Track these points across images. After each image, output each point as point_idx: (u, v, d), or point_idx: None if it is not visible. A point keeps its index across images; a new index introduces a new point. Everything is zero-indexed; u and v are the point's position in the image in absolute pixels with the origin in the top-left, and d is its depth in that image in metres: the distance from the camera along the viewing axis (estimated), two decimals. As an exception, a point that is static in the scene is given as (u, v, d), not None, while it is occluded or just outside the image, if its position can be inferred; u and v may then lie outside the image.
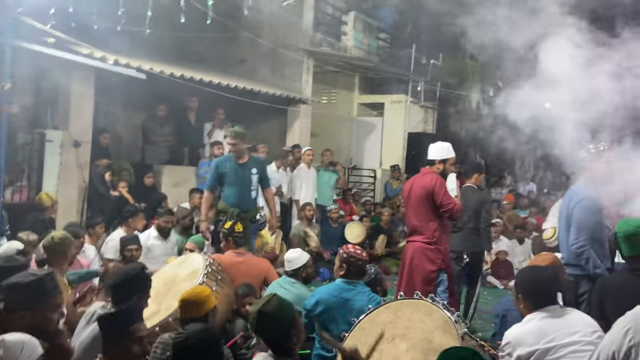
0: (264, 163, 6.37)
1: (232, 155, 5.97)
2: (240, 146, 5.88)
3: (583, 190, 3.97)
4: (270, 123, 10.47)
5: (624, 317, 2.13)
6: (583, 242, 3.83)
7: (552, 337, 2.59)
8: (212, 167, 6.03)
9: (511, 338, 2.70)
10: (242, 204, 5.87)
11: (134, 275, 3.19)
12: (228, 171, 5.87)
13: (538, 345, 2.58)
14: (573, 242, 3.90)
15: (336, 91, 12.52)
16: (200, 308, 3.22)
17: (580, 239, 3.86)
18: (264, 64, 10.48)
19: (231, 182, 5.88)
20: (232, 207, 5.79)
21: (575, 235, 3.90)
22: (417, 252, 4.73)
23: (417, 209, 4.79)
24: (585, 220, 3.86)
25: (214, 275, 4.29)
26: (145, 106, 9.12)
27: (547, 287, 2.78)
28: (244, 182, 5.91)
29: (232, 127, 8.97)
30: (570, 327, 2.61)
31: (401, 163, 11.62)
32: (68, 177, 6.71)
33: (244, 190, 5.92)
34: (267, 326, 2.63)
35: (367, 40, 11.66)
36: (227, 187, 5.91)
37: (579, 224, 3.90)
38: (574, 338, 2.57)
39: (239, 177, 5.88)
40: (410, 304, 3.24)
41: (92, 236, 5.92)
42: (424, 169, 4.94)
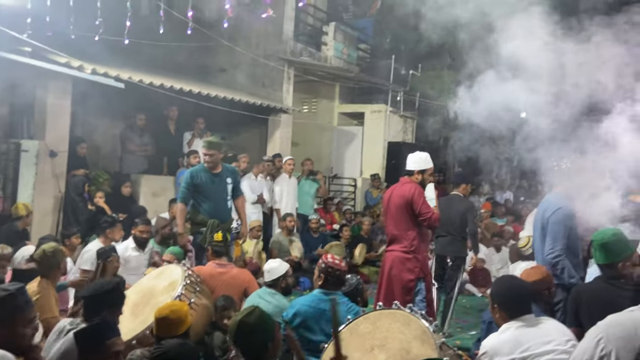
0: (236, 172, 6.27)
1: (205, 165, 5.83)
2: (217, 157, 5.79)
3: (558, 201, 4.05)
4: (251, 132, 10.47)
5: (596, 327, 2.15)
6: (559, 252, 3.90)
7: (528, 346, 2.62)
8: (185, 178, 5.83)
9: (488, 347, 2.73)
10: (220, 215, 5.79)
11: (107, 289, 3.12)
12: (204, 182, 5.75)
13: (514, 354, 2.62)
14: (549, 252, 3.97)
15: (317, 100, 12.58)
16: (178, 327, 3.16)
17: (555, 249, 3.93)
18: (245, 73, 10.49)
19: (207, 193, 5.76)
20: (210, 218, 5.73)
21: (551, 245, 3.96)
22: (395, 262, 4.76)
23: (396, 218, 4.83)
24: (561, 230, 3.93)
25: (192, 287, 4.26)
26: (124, 115, 9.04)
27: (522, 297, 2.82)
28: (220, 193, 5.84)
29: (211, 136, 8.97)
30: (545, 337, 2.65)
31: (381, 172, 11.70)
32: (44, 187, 6.61)
33: (221, 200, 5.85)
34: (246, 338, 2.62)
35: (347, 51, 11.76)
36: (202, 199, 5.78)
37: (554, 234, 3.96)
38: (549, 347, 2.61)
39: (215, 188, 5.80)
40: (388, 314, 3.26)
41: (68, 247, 5.82)
42: (402, 178, 4.99)
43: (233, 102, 8.58)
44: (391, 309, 3.30)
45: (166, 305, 3.31)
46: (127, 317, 4.00)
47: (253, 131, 10.41)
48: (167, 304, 3.38)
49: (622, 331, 2.06)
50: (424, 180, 4.90)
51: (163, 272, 4.58)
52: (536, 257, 4.29)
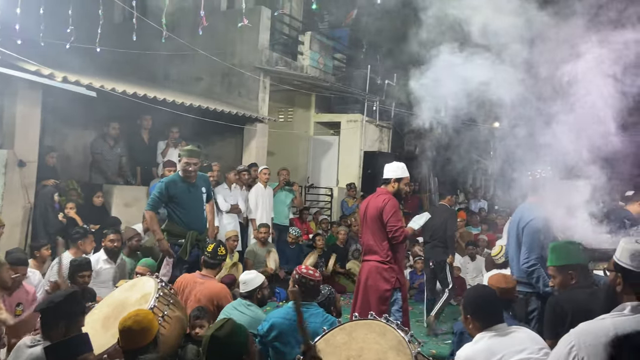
0: (208, 180, 6.22)
1: (180, 175, 5.72)
2: (199, 165, 5.75)
3: (533, 211, 4.11)
4: (227, 142, 10.40)
5: (568, 334, 2.18)
6: (534, 261, 3.96)
7: (501, 355, 2.64)
8: (160, 187, 5.66)
9: (462, 358, 2.74)
10: (197, 225, 5.72)
11: (61, 300, 2.98)
12: (180, 192, 5.64)
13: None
14: (524, 261, 4.03)
15: (293, 110, 12.59)
16: (143, 337, 3.03)
17: (531, 258, 3.99)
18: (220, 82, 10.45)
19: (184, 203, 5.66)
20: (189, 229, 5.64)
21: (527, 254, 4.03)
22: (372, 272, 4.78)
23: (372, 228, 4.86)
24: (536, 240, 4.00)
25: (165, 299, 4.18)
26: (96, 124, 8.90)
27: (494, 306, 2.83)
28: (196, 203, 5.76)
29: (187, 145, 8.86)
30: (518, 345, 2.67)
31: (357, 181, 11.73)
32: (12, 197, 6.44)
33: (198, 211, 5.77)
34: (219, 351, 2.57)
35: (323, 60, 11.81)
36: (179, 209, 5.67)
37: (529, 244, 4.03)
38: (522, 355, 2.63)
39: (192, 198, 5.71)
40: (364, 325, 3.24)
41: (37, 259, 5.67)
42: (379, 189, 5.03)
43: (208, 111, 8.51)
44: (367, 319, 3.29)
45: (129, 316, 3.16)
46: (98, 331, 3.91)
47: (229, 140, 10.35)
48: (130, 313, 3.22)
49: (593, 339, 2.09)
50: (400, 189, 4.95)
51: (135, 284, 4.48)
52: (511, 266, 4.35)
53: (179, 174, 5.77)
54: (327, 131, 12.93)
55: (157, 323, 3.22)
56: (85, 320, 3.85)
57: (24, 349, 2.88)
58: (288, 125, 12.39)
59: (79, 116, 8.30)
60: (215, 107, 8.68)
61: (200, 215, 5.80)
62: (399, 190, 4.95)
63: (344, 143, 12.34)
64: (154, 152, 8.64)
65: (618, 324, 2.09)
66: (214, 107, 8.63)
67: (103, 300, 4.63)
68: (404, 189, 5.00)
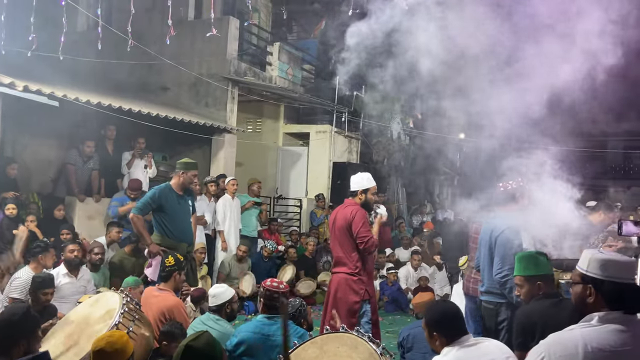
0: (192, 192, 6.20)
1: (170, 186, 5.67)
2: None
3: (505, 221, 4.16)
4: (194, 152, 10.26)
5: (539, 346, 2.20)
6: (507, 272, 3.99)
7: None
8: (152, 194, 5.58)
9: None
10: (186, 237, 5.69)
11: (17, 320, 2.84)
12: (171, 204, 5.58)
13: None
14: (497, 272, 4.06)
15: (261, 120, 12.53)
16: (119, 358, 2.96)
17: (504, 269, 4.03)
18: (188, 92, 10.33)
19: (174, 215, 5.59)
20: (179, 241, 5.57)
21: (500, 264, 4.06)
22: (341, 284, 4.76)
23: (340, 240, 4.85)
24: (508, 250, 4.03)
25: (131, 315, 4.06)
26: (58, 135, 8.65)
27: (457, 319, 2.83)
28: (185, 214, 5.73)
29: (153, 157, 8.71)
30: (486, 356, 2.67)
31: (326, 192, 11.73)
32: (-32, 211, 6.18)
33: (186, 222, 5.73)
34: None
35: (292, 71, 11.83)
36: (169, 220, 5.58)
37: (502, 254, 4.06)
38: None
39: (181, 209, 5.68)
40: (335, 338, 3.21)
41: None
42: (347, 200, 5.03)
43: (175, 121, 8.39)
44: (338, 332, 3.26)
45: (102, 337, 3.07)
46: (59, 348, 3.76)
47: (196, 151, 10.21)
48: (103, 335, 3.14)
49: (563, 350, 2.11)
50: (368, 200, 4.96)
51: (99, 299, 4.34)
52: (482, 276, 4.38)
53: (170, 184, 5.71)
54: (296, 142, 12.92)
55: (132, 345, 3.12)
56: (47, 337, 3.71)
57: None
58: (257, 136, 12.32)
59: (40, 126, 8.06)
60: (183, 117, 8.56)
61: (188, 227, 5.76)
62: (366, 200, 4.96)
63: (313, 154, 12.34)
64: (119, 164, 8.44)
65: (586, 335, 2.12)
66: (181, 117, 8.52)
67: (65, 316, 4.47)
68: (372, 198, 5.01)
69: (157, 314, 4.52)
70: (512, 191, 4.28)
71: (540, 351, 2.15)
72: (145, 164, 8.45)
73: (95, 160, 8.05)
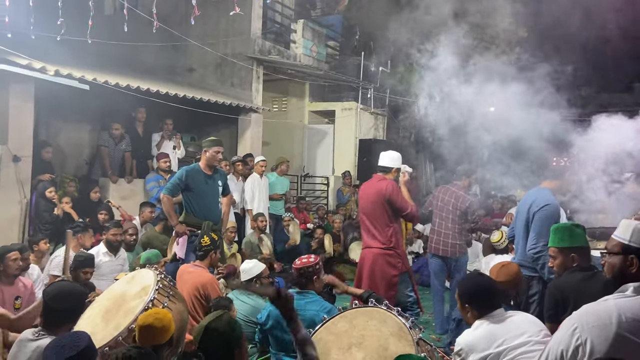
0: (224, 174, 6.27)
1: (200, 166, 5.78)
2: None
3: (546, 197, 4.07)
4: (221, 132, 10.35)
5: (571, 317, 2.18)
6: (541, 248, 3.94)
7: (502, 340, 2.64)
8: (179, 175, 5.73)
9: (463, 344, 2.74)
10: (212, 216, 5.76)
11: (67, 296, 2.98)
12: (198, 183, 5.69)
13: (490, 349, 2.63)
14: (531, 247, 4.01)
15: (287, 99, 12.53)
16: (162, 335, 3.07)
17: (538, 244, 3.97)
18: (213, 72, 10.38)
19: (201, 194, 5.71)
20: (204, 220, 5.66)
21: (535, 240, 4.01)
22: (377, 259, 4.79)
23: (374, 214, 4.86)
24: (546, 226, 3.94)
25: (165, 291, 4.17)
26: (90, 118, 8.83)
27: (491, 293, 2.83)
28: (213, 194, 5.80)
29: (181, 138, 8.84)
30: (518, 329, 2.67)
31: (353, 170, 11.72)
32: (8, 193, 6.40)
33: (213, 202, 5.81)
34: (212, 343, 2.55)
35: (316, 48, 11.75)
36: (196, 199, 5.71)
37: (539, 230, 4.00)
38: (523, 339, 2.63)
39: (209, 189, 5.76)
40: (365, 312, 3.25)
41: (36, 254, 5.66)
42: (376, 175, 5.02)
43: (202, 102, 8.46)
44: (367, 306, 3.30)
45: (149, 313, 3.23)
46: (98, 324, 3.90)
47: (223, 131, 10.31)
48: (150, 312, 3.29)
49: (596, 320, 2.09)
50: (397, 178, 5.01)
51: (135, 276, 4.47)
52: (515, 249, 4.34)
53: (198, 165, 5.83)
54: (321, 120, 12.89)
55: (174, 326, 3.25)
56: (86, 313, 3.85)
57: (26, 343, 2.86)
58: (282, 115, 12.34)
59: (72, 110, 8.23)
60: (209, 97, 8.63)
61: (215, 207, 5.84)
62: (396, 179, 5.01)
63: (339, 131, 12.31)
64: (149, 145, 8.59)
65: (621, 305, 2.09)
66: (208, 97, 8.58)
67: (102, 293, 4.62)
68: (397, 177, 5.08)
69: (191, 289, 4.64)
70: (564, 168, 4.18)
71: (573, 322, 2.14)
72: (173, 145, 8.58)
73: (126, 142, 8.21)
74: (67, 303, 2.94)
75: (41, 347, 2.77)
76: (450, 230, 5.99)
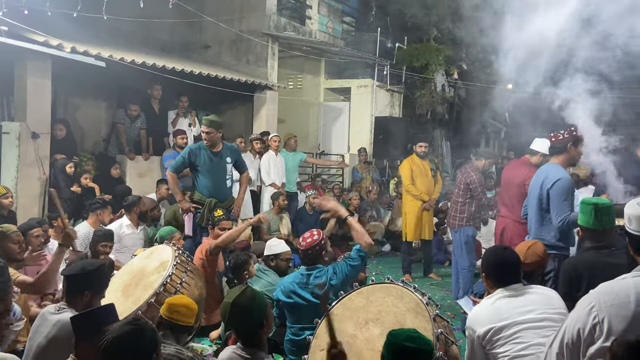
0: (237, 150, 6.22)
1: (204, 144, 5.79)
2: (215, 135, 5.72)
3: (557, 172, 4.03)
4: (236, 110, 10.35)
5: (588, 295, 2.16)
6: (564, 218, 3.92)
7: (507, 315, 2.65)
8: (183, 153, 5.81)
9: (471, 317, 2.79)
10: (218, 194, 5.78)
11: (91, 270, 3.00)
12: (202, 161, 5.73)
13: (493, 323, 2.64)
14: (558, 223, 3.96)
15: (302, 76, 12.44)
16: (191, 317, 3.18)
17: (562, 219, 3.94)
18: (229, 49, 10.33)
19: (205, 171, 5.74)
20: (208, 197, 5.71)
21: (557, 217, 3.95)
22: (508, 226, 5.48)
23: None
24: (562, 201, 3.94)
25: (183, 267, 4.25)
26: (107, 95, 8.87)
27: (506, 266, 2.82)
28: (219, 172, 5.81)
29: (197, 115, 8.85)
30: (526, 306, 2.67)
31: (369, 147, 11.66)
32: (27, 170, 6.48)
33: (219, 179, 5.82)
34: (240, 318, 2.59)
35: (332, 24, 11.61)
36: (201, 177, 5.77)
37: (557, 206, 3.94)
38: (531, 315, 2.62)
39: (214, 166, 5.77)
40: (382, 288, 3.27)
41: (56, 229, 5.75)
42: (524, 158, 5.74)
43: (217, 79, 8.44)
44: (384, 283, 3.31)
45: (182, 297, 3.39)
46: (119, 298, 3.99)
47: (239, 108, 10.30)
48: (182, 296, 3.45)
49: (614, 299, 2.07)
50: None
51: (153, 252, 4.56)
52: (529, 226, 4.29)
53: (202, 143, 5.85)
54: (337, 97, 12.80)
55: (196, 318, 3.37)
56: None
57: (48, 316, 2.92)
58: (298, 92, 12.28)
59: (88, 87, 8.27)
60: (224, 75, 8.60)
61: (221, 184, 5.85)
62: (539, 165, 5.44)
63: (355, 109, 12.23)
64: (165, 122, 8.62)
65: (639, 284, 2.07)
66: (223, 75, 8.56)
67: (122, 268, 4.72)
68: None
69: (198, 258, 4.81)
70: (564, 141, 4.13)
71: (590, 300, 2.12)
72: (189, 122, 8.60)
73: (142, 120, 8.24)
74: (83, 271, 2.99)
75: (62, 321, 2.83)
76: (454, 203, 6.41)
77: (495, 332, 2.63)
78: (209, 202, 5.65)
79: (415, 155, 7.29)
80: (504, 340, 2.61)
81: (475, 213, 6.35)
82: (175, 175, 5.83)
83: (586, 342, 2.08)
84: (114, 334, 2.02)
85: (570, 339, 2.14)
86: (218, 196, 5.76)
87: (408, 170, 7.20)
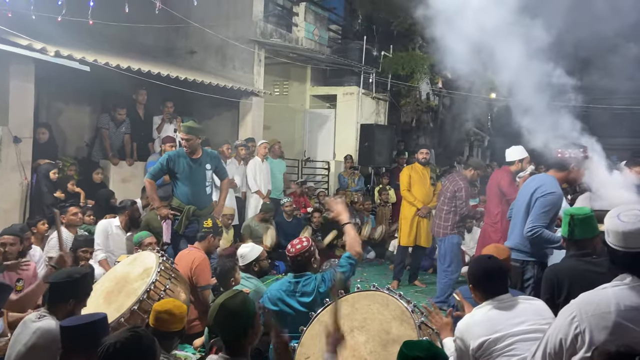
0: (217, 157, 6.16)
1: (183, 150, 5.75)
2: (194, 142, 5.66)
3: (552, 185, 4.04)
4: (222, 116, 10.31)
5: (570, 305, 2.17)
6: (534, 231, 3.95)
7: (500, 327, 2.63)
8: (162, 160, 5.75)
9: (462, 329, 2.73)
10: (197, 201, 5.73)
11: (77, 278, 2.97)
12: (181, 168, 5.67)
13: (487, 335, 2.62)
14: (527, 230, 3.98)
15: (288, 83, 12.46)
16: (177, 323, 3.16)
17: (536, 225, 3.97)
18: (215, 55, 10.30)
19: (184, 178, 5.69)
20: (187, 204, 5.66)
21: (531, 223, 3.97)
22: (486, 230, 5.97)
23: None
24: (544, 213, 3.97)
25: (167, 273, 4.21)
26: (90, 100, 8.79)
27: (495, 277, 2.81)
28: (198, 179, 5.75)
29: (182, 121, 8.78)
30: (519, 317, 2.66)
31: (354, 154, 11.69)
32: (9, 175, 6.39)
33: (199, 186, 5.76)
34: (226, 322, 2.56)
35: (319, 32, 11.66)
36: (180, 184, 5.71)
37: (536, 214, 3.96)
38: (523, 327, 2.61)
39: (193, 173, 5.71)
40: (367, 296, 3.27)
41: (36, 235, 5.66)
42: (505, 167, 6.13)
43: (203, 85, 8.41)
44: (370, 290, 3.32)
45: (167, 301, 3.37)
46: (100, 305, 3.94)
47: (224, 114, 10.26)
48: (167, 300, 3.45)
49: (595, 309, 2.08)
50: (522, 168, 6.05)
51: (137, 258, 4.51)
52: (512, 230, 4.30)
53: (181, 150, 5.81)
54: (323, 104, 12.83)
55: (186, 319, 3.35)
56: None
57: (29, 324, 2.88)
58: (284, 99, 12.28)
59: (73, 91, 8.18)
60: (210, 80, 8.58)
61: (200, 191, 5.79)
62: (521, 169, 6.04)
63: (341, 116, 12.26)
64: (150, 128, 8.56)
65: (619, 293, 2.09)
66: (209, 80, 8.53)
67: (105, 275, 4.66)
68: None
69: (185, 269, 4.76)
70: (568, 160, 4.13)
71: (572, 310, 2.13)
72: (174, 127, 8.55)
73: (127, 125, 8.17)
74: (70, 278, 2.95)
75: (42, 329, 2.80)
76: (439, 211, 6.49)
77: (490, 345, 2.61)
78: (187, 209, 5.60)
79: (417, 163, 7.40)
80: (498, 352, 2.59)
81: (460, 221, 6.40)
82: (154, 182, 5.76)
83: (568, 352, 2.10)
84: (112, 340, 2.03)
85: (552, 348, 2.16)
86: (197, 203, 5.71)
87: (407, 176, 7.31)
